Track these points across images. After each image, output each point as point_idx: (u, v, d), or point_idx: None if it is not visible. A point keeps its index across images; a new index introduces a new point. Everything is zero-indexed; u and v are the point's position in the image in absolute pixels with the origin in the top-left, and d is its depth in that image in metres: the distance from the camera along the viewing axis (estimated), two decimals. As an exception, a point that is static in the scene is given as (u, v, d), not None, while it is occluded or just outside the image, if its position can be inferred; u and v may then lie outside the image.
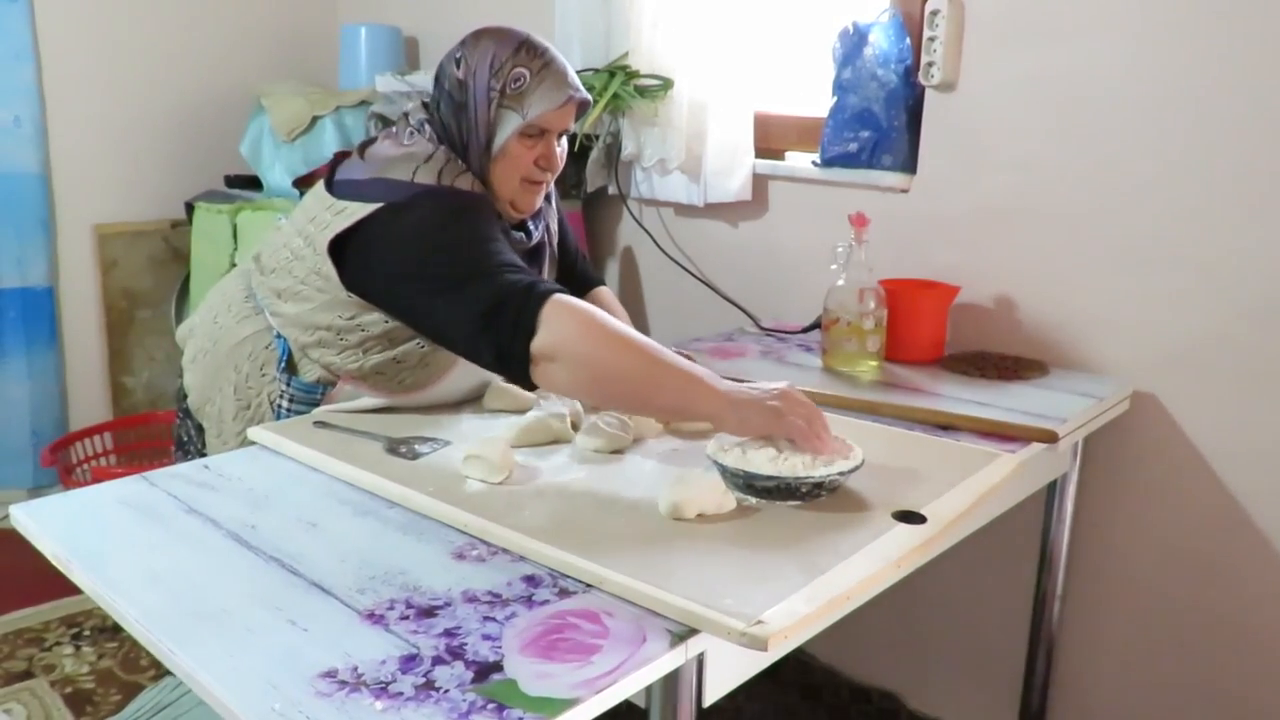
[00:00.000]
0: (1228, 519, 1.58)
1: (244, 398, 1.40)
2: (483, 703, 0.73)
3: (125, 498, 1.08)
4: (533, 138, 1.35)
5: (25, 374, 2.75)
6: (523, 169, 1.35)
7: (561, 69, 1.35)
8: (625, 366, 1.13)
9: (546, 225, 1.49)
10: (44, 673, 2.09)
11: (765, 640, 0.80)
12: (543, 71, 1.33)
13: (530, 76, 1.32)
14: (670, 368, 1.12)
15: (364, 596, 0.88)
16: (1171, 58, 1.54)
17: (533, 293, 1.15)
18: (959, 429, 1.34)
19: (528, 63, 1.32)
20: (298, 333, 1.36)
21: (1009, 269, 1.76)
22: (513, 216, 1.39)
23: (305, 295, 1.33)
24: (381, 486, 1.10)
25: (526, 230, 1.43)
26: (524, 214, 1.40)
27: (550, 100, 1.32)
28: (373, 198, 1.27)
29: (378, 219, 1.25)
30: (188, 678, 0.78)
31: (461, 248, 1.23)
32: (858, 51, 1.85)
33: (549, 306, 1.14)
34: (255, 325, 1.41)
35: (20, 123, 2.66)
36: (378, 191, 1.28)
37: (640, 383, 1.13)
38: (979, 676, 1.92)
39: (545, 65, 1.33)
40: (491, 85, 1.32)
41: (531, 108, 1.32)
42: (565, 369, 1.13)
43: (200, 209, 2.62)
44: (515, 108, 1.32)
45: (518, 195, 1.37)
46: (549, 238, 1.50)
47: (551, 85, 1.33)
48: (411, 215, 1.25)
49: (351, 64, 2.83)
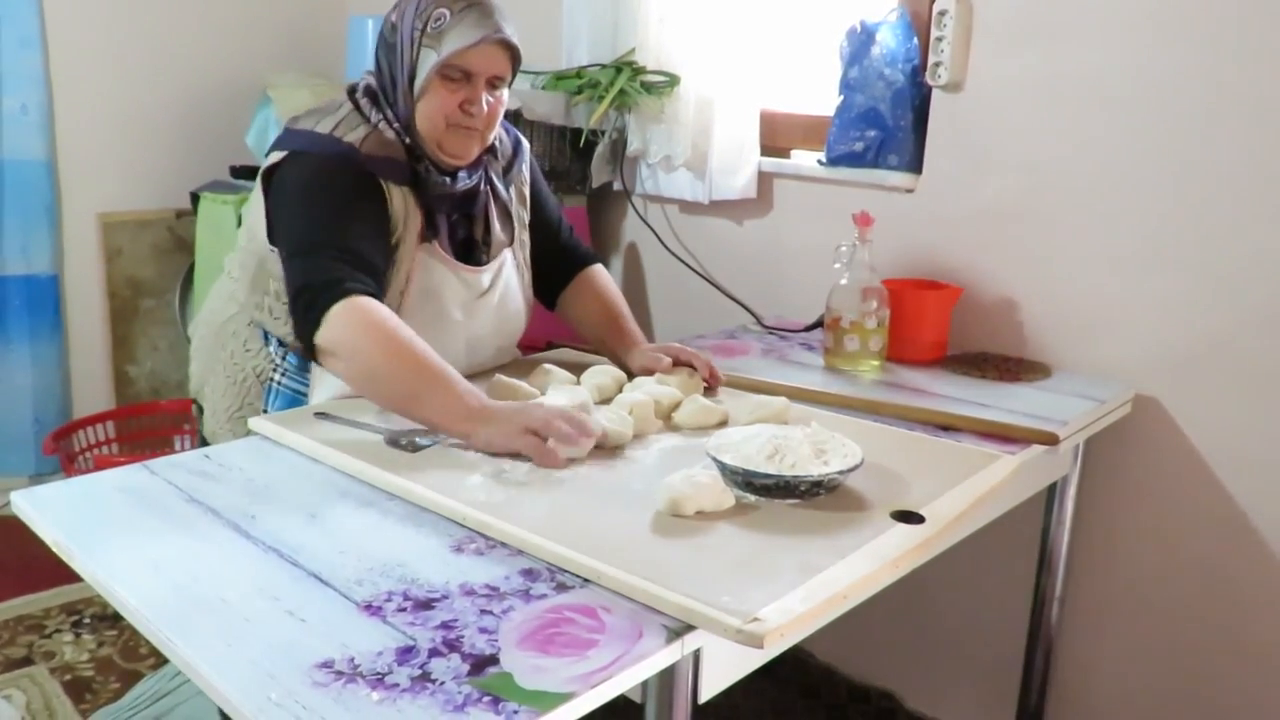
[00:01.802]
0: (1229, 524, 1.58)
1: (232, 375, 1.44)
2: (478, 695, 0.73)
3: (126, 486, 1.09)
4: (455, 80, 1.33)
5: (29, 361, 2.76)
6: (445, 109, 1.34)
7: (486, 10, 1.32)
8: (390, 374, 1.20)
9: (490, 179, 1.47)
10: (44, 659, 2.10)
11: (761, 638, 0.80)
12: (464, 11, 1.31)
13: (451, 16, 1.31)
14: (434, 380, 1.19)
15: (362, 588, 0.88)
16: (1180, 60, 1.54)
17: (332, 289, 1.22)
18: (960, 430, 1.34)
19: (451, 3, 1.32)
20: (253, 310, 1.42)
21: (1012, 270, 1.76)
22: (443, 161, 1.38)
23: (246, 264, 1.41)
24: (381, 478, 1.11)
25: (455, 176, 1.40)
26: (455, 159, 1.38)
27: (465, 38, 1.30)
28: (279, 147, 1.36)
29: (281, 167, 1.34)
30: (186, 667, 0.78)
31: (306, 216, 1.30)
32: (865, 50, 1.85)
33: (339, 306, 1.21)
34: (236, 304, 1.45)
35: (27, 110, 2.66)
36: (282, 142, 1.36)
37: (401, 392, 1.21)
38: (977, 677, 1.92)
39: (469, 6, 1.32)
40: (415, 25, 1.33)
41: (447, 45, 1.31)
42: (341, 365, 1.24)
43: (205, 199, 2.62)
44: (434, 46, 1.32)
45: (444, 138, 1.36)
46: (495, 192, 1.48)
47: (471, 24, 1.31)
48: (293, 170, 1.33)
49: (359, 56, 2.83)
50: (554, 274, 1.62)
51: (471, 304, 1.44)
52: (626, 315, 1.58)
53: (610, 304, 1.59)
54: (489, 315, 1.47)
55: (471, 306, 1.44)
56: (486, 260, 1.47)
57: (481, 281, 1.45)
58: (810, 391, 1.47)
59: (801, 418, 1.31)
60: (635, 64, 2.18)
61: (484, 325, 1.47)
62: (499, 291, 1.48)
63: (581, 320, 1.62)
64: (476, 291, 1.45)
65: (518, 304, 1.53)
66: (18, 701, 1.95)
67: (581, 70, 2.26)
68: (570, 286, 1.63)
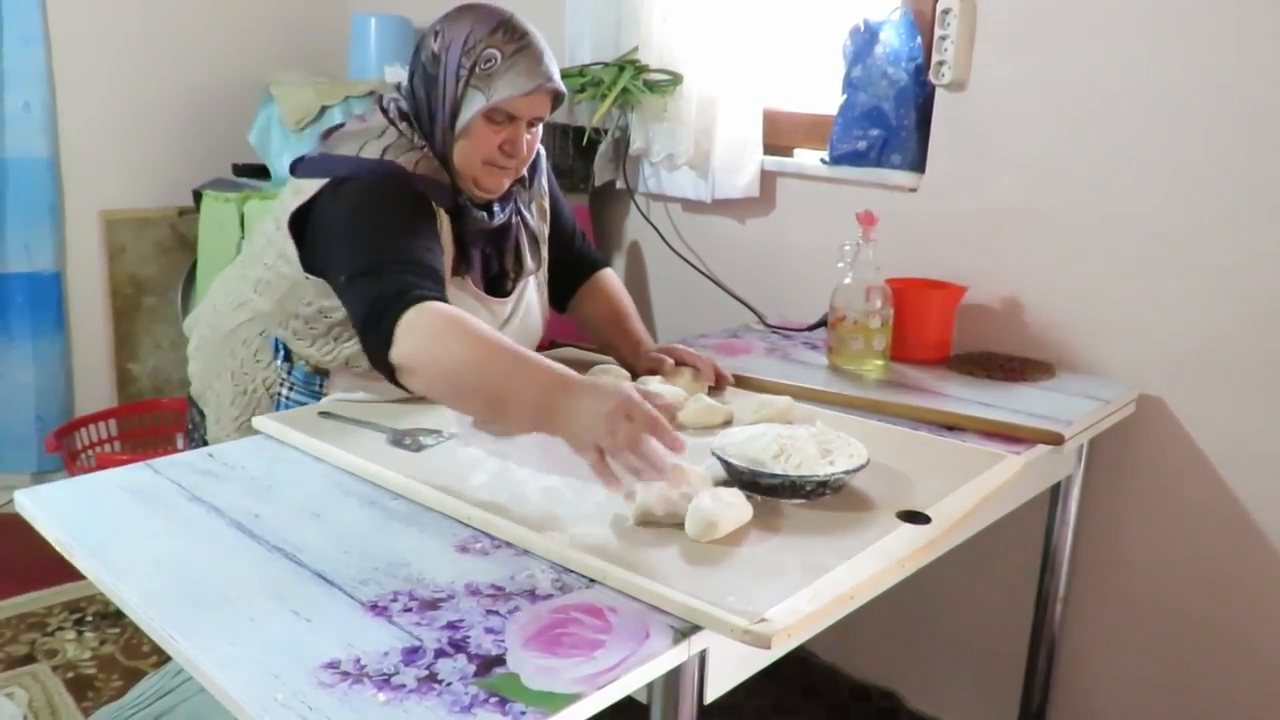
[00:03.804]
0: (1233, 524, 1.57)
1: (240, 384, 1.42)
2: (485, 696, 0.73)
3: (129, 484, 1.09)
4: (498, 123, 1.32)
5: (31, 359, 2.75)
6: (485, 151, 1.33)
7: (536, 55, 1.30)
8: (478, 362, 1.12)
9: (519, 210, 1.46)
10: (46, 657, 2.10)
11: (768, 638, 0.80)
12: (515, 56, 1.29)
13: (501, 59, 1.28)
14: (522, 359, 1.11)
15: (367, 588, 0.88)
16: (1184, 60, 1.53)
17: (402, 298, 1.15)
18: (964, 429, 1.34)
19: (502, 45, 1.29)
20: (274, 328, 1.38)
21: (1017, 270, 1.75)
22: (476, 195, 1.37)
23: (273, 283, 1.36)
24: (385, 478, 1.10)
25: (490, 210, 1.40)
26: (488, 194, 1.38)
27: (516, 86, 1.29)
28: (319, 173, 1.30)
29: (323, 195, 1.29)
30: (190, 665, 0.78)
31: (366, 237, 1.24)
32: (868, 49, 1.85)
33: (407, 316, 1.14)
34: (249, 313, 1.42)
35: (30, 108, 2.65)
36: (324, 167, 1.31)
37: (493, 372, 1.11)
38: (979, 677, 1.92)
39: (519, 50, 1.29)
40: (462, 63, 1.29)
41: (497, 91, 1.29)
42: (422, 378, 1.16)
43: (208, 197, 2.62)
44: (482, 88, 1.29)
45: (480, 175, 1.35)
46: (525, 221, 1.47)
47: (521, 71, 1.29)
48: (342, 195, 1.28)
49: (361, 54, 2.83)
50: (566, 280, 1.62)
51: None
52: (633, 317, 1.58)
53: (618, 307, 1.59)
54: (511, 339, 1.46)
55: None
56: (512, 289, 1.46)
57: (506, 310, 1.45)
58: (814, 391, 1.46)
59: (805, 417, 1.30)
60: (638, 62, 2.18)
61: None
62: (520, 315, 1.48)
63: (590, 323, 1.63)
64: (501, 319, 1.44)
65: (536, 320, 1.53)
66: (20, 699, 1.95)
67: (584, 69, 2.26)
68: (580, 291, 1.63)
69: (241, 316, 1.43)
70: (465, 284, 1.38)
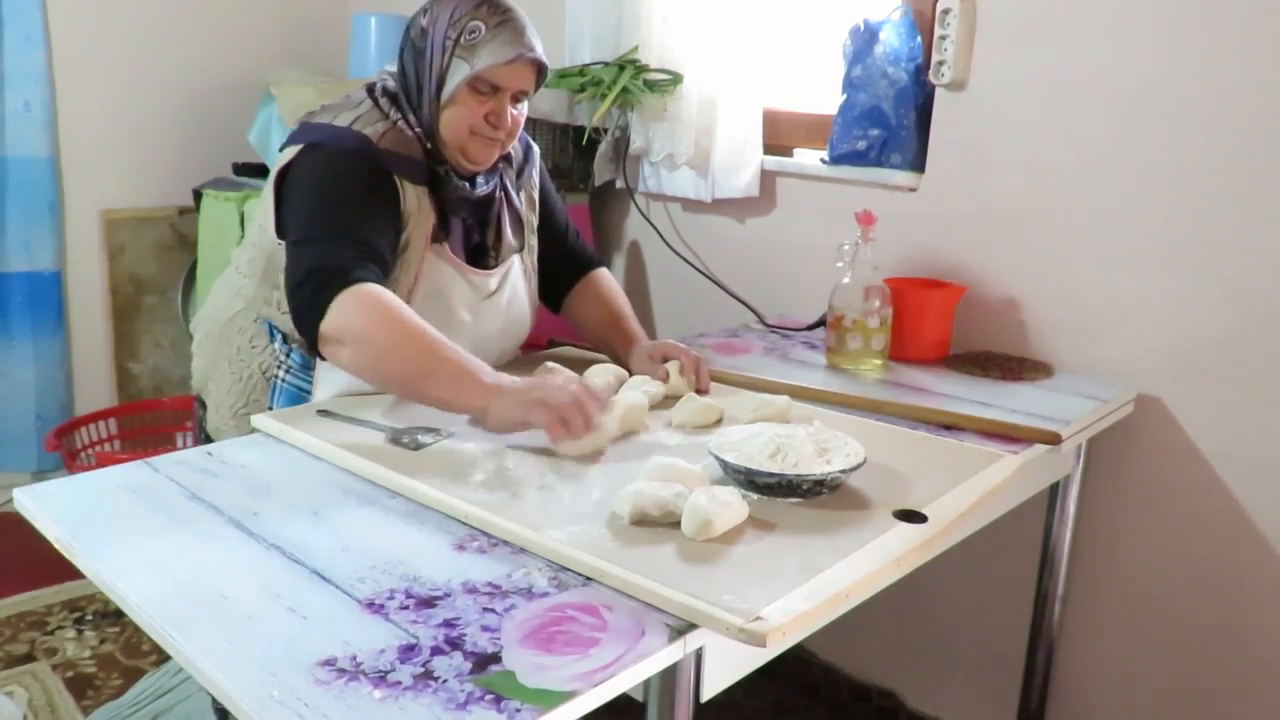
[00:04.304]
0: (1231, 524, 1.57)
1: (237, 371, 1.45)
2: (480, 693, 0.73)
3: (128, 483, 1.09)
4: (483, 93, 1.36)
5: (31, 358, 2.76)
6: (470, 119, 1.36)
7: (519, 28, 1.36)
8: (402, 354, 1.20)
9: (505, 187, 1.49)
10: (46, 656, 2.10)
11: (764, 636, 0.80)
12: (499, 27, 1.34)
13: (485, 30, 1.34)
14: (446, 358, 1.20)
15: (364, 585, 0.88)
16: (1183, 60, 1.53)
17: (341, 276, 1.22)
18: (962, 429, 1.34)
19: (486, 17, 1.34)
20: (261, 306, 1.42)
21: (1015, 269, 1.75)
22: (464, 167, 1.41)
23: (256, 260, 1.41)
24: (384, 476, 1.11)
25: (474, 182, 1.43)
26: (476, 165, 1.41)
27: (500, 55, 1.33)
28: (296, 140, 1.36)
29: (297, 160, 1.35)
30: (188, 663, 0.78)
31: (321, 206, 1.31)
32: (868, 49, 1.85)
33: (347, 293, 1.21)
34: (243, 300, 1.45)
35: (30, 107, 2.66)
36: (301, 135, 1.36)
37: (413, 371, 1.21)
38: (978, 676, 1.92)
39: (502, 22, 1.35)
40: (448, 34, 1.34)
41: (481, 59, 1.33)
42: (346, 351, 1.22)
43: (208, 196, 2.62)
44: (466, 58, 1.34)
45: (467, 144, 1.38)
46: (510, 199, 1.50)
47: (505, 41, 1.34)
48: (309, 160, 1.34)
49: (361, 54, 2.83)
50: (559, 278, 1.63)
51: (478, 305, 1.45)
52: (628, 316, 1.59)
53: (613, 306, 1.60)
54: (496, 316, 1.48)
55: (478, 308, 1.45)
56: (495, 264, 1.48)
57: (489, 284, 1.46)
58: (813, 390, 1.46)
59: (804, 417, 1.30)
60: (638, 62, 2.18)
61: (490, 326, 1.48)
62: (506, 294, 1.49)
63: (585, 323, 1.63)
64: (484, 293, 1.46)
65: (524, 307, 1.54)
66: (20, 698, 1.95)
67: (584, 68, 2.26)
68: (575, 290, 1.64)
69: (237, 305, 1.46)
70: (443, 251, 1.41)
